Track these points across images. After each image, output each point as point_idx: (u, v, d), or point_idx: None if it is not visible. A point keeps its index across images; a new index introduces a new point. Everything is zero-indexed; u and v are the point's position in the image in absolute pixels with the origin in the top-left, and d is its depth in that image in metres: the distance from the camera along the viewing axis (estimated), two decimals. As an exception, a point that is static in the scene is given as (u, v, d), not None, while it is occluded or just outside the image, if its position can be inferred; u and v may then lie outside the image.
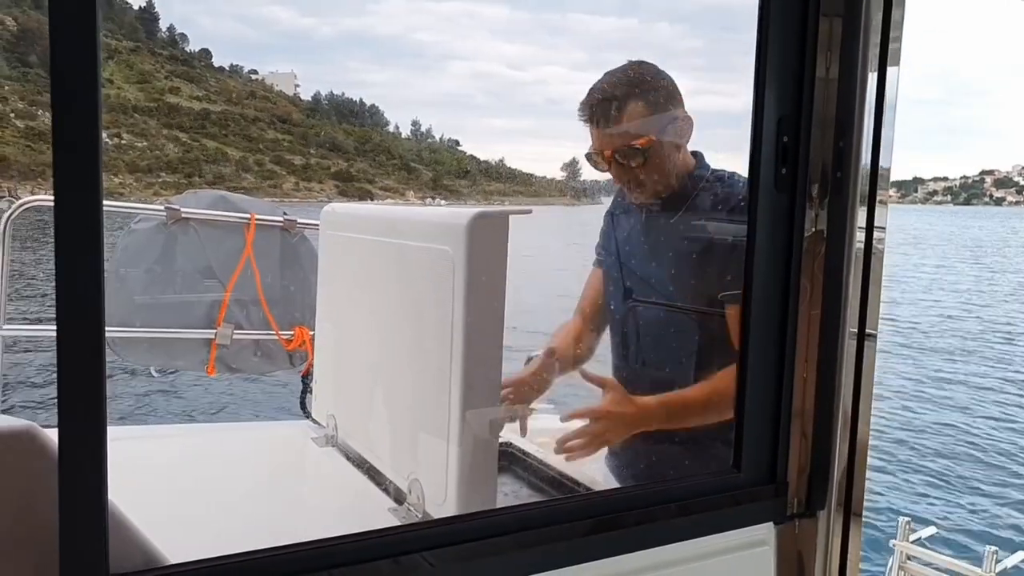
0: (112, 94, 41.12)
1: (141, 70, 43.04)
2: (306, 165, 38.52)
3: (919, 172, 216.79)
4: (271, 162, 38.85)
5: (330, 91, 75.99)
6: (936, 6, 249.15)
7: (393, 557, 0.99)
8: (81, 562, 0.80)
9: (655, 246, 1.74)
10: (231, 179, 36.76)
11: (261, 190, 35.67)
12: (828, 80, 1.23)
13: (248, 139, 40.35)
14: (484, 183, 28.90)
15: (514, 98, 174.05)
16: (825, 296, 1.26)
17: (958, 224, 70.70)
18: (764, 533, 1.29)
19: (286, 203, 30.45)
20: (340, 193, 34.20)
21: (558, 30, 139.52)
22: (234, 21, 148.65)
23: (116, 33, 43.20)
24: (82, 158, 0.76)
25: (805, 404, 1.29)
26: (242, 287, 3.02)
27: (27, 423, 0.86)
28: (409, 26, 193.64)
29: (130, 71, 42.65)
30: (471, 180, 32.53)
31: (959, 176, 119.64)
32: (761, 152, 1.22)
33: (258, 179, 37.27)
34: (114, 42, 43.22)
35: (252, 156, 39.02)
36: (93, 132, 0.76)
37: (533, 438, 2.10)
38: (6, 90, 37.65)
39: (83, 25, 0.74)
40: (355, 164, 37.46)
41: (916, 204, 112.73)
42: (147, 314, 2.90)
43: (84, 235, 0.76)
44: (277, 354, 3.11)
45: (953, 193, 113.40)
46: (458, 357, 1.34)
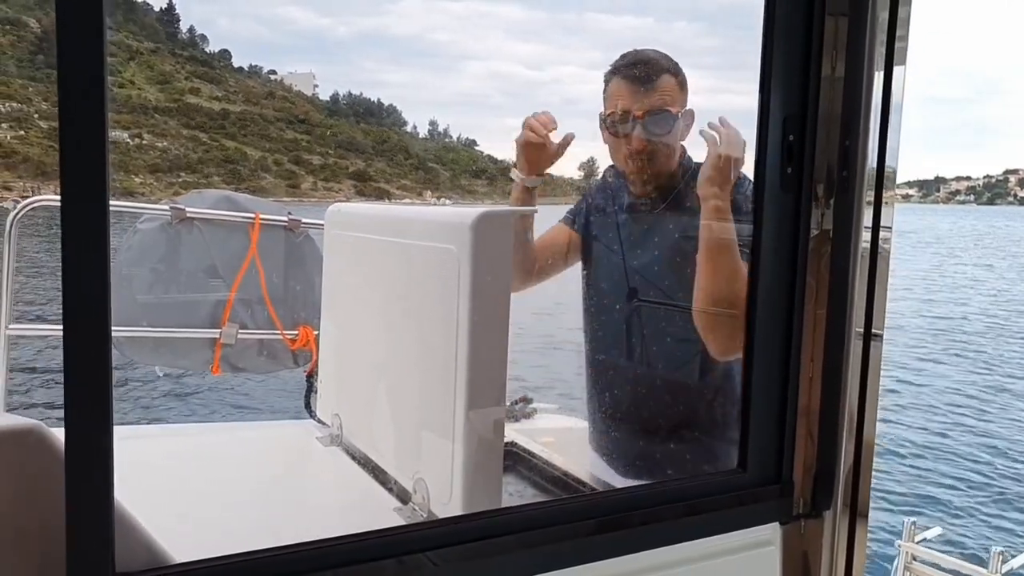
0: (133, 95, 41.30)
1: (162, 71, 43.23)
2: (324, 165, 38.64)
3: (941, 171, 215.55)
4: (290, 162, 39.00)
5: (348, 91, 75.89)
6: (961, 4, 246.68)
7: (397, 557, 0.99)
8: (87, 560, 0.80)
9: (647, 236, 1.75)
10: (250, 179, 36.90)
11: (280, 189, 35.77)
12: (834, 79, 1.23)
13: (267, 139, 40.51)
14: (502, 182, 28.96)
15: (531, 98, 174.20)
16: (831, 296, 1.26)
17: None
18: (770, 533, 1.29)
19: (304, 203, 30.54)
20: (358, 193, 34.30)
21: (574, 29, 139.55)
22: (251, 22, 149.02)
23: (137, 34, 43.36)
24: (89, 158, 0.76)
25: (811, 404, 1.28)
26: (247, 287, 3.03)
27: (33, 422, 0.86)
28: (425, 26, 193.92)
29: (151, 72, 42.83)
30: (488, 180, 32.58)
31: (983, 175, 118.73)
32: (767, 151, 1.22)
33: (277, 179, 37.40)
34: (135, 43, 43.39)
35: (271, 156, 39.19)
36: (100, 132, 0.76)
37: (537, 438, 2.10)
38: (30, 91, 37.82)
39: (90, 25, 0.74)
40: (373, 164, 37.55)
41: (938, 204, 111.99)
42: (152, 314, 2.91)
43: (91, 235, 0.76)
44: (282, 353, 3.12)
45: (976, 193, 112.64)
46: (463, 356, 1.34)
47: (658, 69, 1.65)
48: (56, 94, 0.73)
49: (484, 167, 32.75)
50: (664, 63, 1.67)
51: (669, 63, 1.68)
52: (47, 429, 0.86)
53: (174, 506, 1.36)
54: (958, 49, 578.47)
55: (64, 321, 0.76)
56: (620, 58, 1.69)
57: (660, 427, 1.77)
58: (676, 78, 1.67)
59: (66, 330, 0.76)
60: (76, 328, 0.77)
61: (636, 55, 1.68)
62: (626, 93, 1.66)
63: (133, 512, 0.89)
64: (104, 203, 0.77)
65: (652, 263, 1.72)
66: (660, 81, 1.65)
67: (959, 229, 59.20)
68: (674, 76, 1.67)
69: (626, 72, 1.67)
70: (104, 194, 0.77)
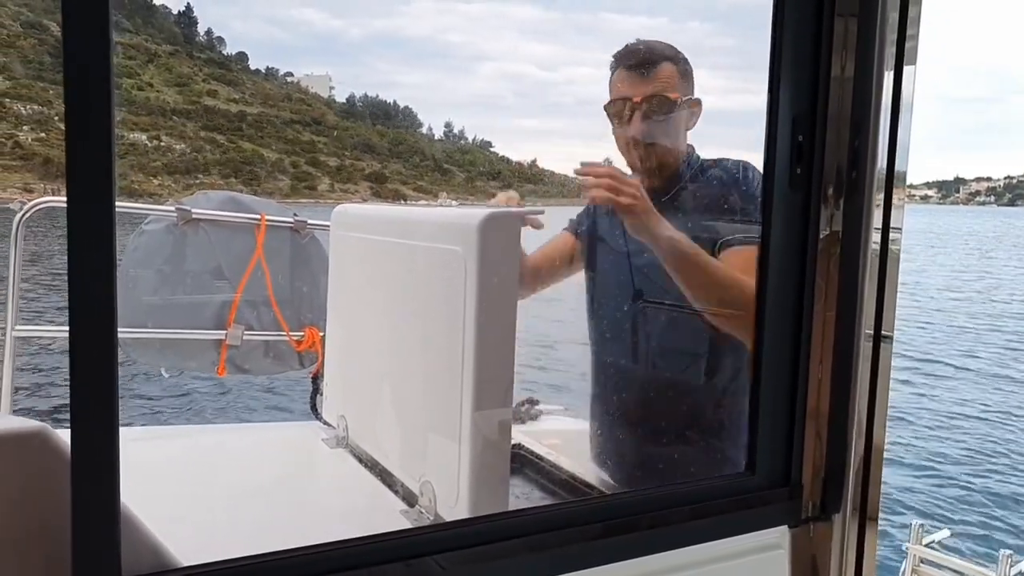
0: (152, 97, 41.51)
1: (180, 73, 43.44)
2: (341, 167, 38.71)
3: (961, 172, 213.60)
4: (306, 164, 39.11)
5: (364, 93, 76.22)
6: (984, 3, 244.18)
7: (404, 560, 0.99)
8: (93, 563, 0.80)
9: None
10: (267, 180, 37.03)
11: (297, 191, 35.87)
12: (843, 79, 1.22)
13: (284, 141, 40.67)
14: (518, 184, 29.00)
15: (544, 98, 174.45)
16: (840, 297, 1.25)
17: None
18: (778, 536, 1.28)
19: (321, 204, 30.65)
20: (374, 195, 34.39)
21: (587, 29, 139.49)
22: (264, 23, 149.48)
23: (156, 37, 43.61)
24: (95, 159, 0.75)
25: (820, 406, 1.28)
26: (252, 288, 3.03)
27: (39, 424, 0.86)
28: (438, 27, 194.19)
29: (169, 74, 43.05)
30: (503, 181, 32.63)
31: (1003, 176, 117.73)
32: (776, 151, 1.21)
33: (294, 180, 37.53)
34: (154, 46, 43.63)
35: (288, 158, 39.33)
36: (106, 133, 0.75)
37: (544, 440, 2.10)
38: (50, 94, 38.02)
39: (96, 25, 0.74)
40: (389, 166, 37.65)
41: (957, 205, 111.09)
42: (158, 315, 2.91)
43: (97, 236, 0.76)
44: (287, 355, 3.12)
45: (997, 194, 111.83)
46: (470, 358, 1.34)
47: (657, 57, 1.69)
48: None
49: (500, 168, 32.80)
50: (663, 51, 1.70)
51: (669, 51, 1.70)
52: (53, 431, 0.86)
53: (179, 508, 1.36)
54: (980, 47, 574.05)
55: (71, 323, 0.76)
56: (622, 48, 1.73)
57: (667, 430, 1.76)
58: (676, 66, 1.69)
59: (72, 332, 0.76)
60: (82, 330, 0.76)
61: (636, 44, 1.72)
62: (626, 81, 1.70)
63: (139, 514, 0.89)
64: (110, 205, 0.77)
65: (657, 262, 1.72)
66: (659, 68, 1.68)
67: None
68: (674, 64, 1.69)
69: (626, 61, 1.71)
70: (110, 196, 0.77)
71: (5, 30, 40.90)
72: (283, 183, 37.13)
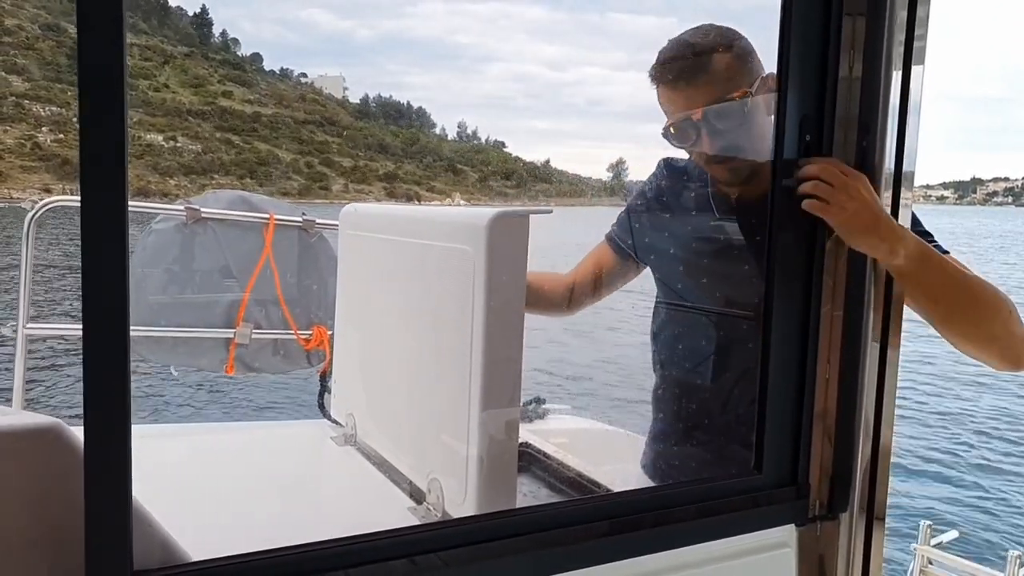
0: (168, 98, 41.70)
1: (195, 74, 43.65)
2: (355, 167, 38.77)
3: (978, 172, 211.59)
4: (320, 164, 39.18)
5: (378, 94, 76.65)
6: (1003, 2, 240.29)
7: (409, 557, 0.99)
8: (106, 558, 0.81)
9: (747, 236, 1.50)
10: (281, 180, 37.15)
11: (311, 192, 35.94)
12: (851, 79, 1.22)
13: (298, 141, 40.77)
14: (531, 184, 28.97)
15: (555, 99, 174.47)
16: (848, 297, 1.25)
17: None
18: (785, 535, 1.28)
19: (335, 204, 30.81)
20: (388, 195, 34.43)
21: (597, 30, 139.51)
22: (274, 24, 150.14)
23: (171, 39, 43.80)
24: (108, 159, 0.76)
25: (827, 406, 1.28)
26: (261, 287, 3.04)
27: (53, 420, 0.87)
28: (447, 28, 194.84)
29: (184, 75, 43.23)
30: (518, 181, 32.60)
31: (1021, 176, 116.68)
32: (784, 151, 1.21)
33: (308, 181, 37.60)
34: (169, 47, 43.78)
35: (303, 159, 39.41)
36: (119, 133, 0.76)
37: (551, 438, 2.10)
38: (68, 96, 38.26)
39: (110, 25, 0.75)
40: (403, 166, 37.66)
41: (974, 205, 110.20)
42: (167, 313, 2.92)
43: (110, 235, 0.77)
44: (296, 353, 3.13)
45: (1015, 194, 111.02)
46: (478, 357, 1.34)
47: (701, 53, 1.39)
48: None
49: (513, 168, 32.78)
50: (705, 43, 1.39)
51: (712, 38, 1.39)
52: (66, 427, 0.87)
53: (189, 504, 1.37)
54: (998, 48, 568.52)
55: (84, 321, 0.77)
56: (661, 54, 1.43)
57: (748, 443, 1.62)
58: (728, 52, 1.38)
59: (86, 330, 0.77)
60: (95, 328, 0.78)
61: (671, 49, 1.42)
62: (675, 99, 1.42)
63: (149, 510, 0.90)
64: (123, 204, 0.78)
65: (748, 273, 1.48)
66: (710, 67, 1.38)
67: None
68: (726, 50, 1.38)
69: (664, 77, 1.42)
70: (123, 195, 0.77)
71: (24, 32, 41.17)
72: (297, 183, 37.23)
